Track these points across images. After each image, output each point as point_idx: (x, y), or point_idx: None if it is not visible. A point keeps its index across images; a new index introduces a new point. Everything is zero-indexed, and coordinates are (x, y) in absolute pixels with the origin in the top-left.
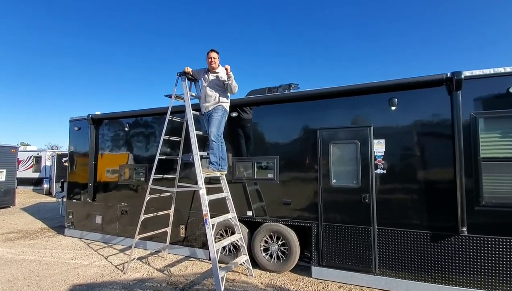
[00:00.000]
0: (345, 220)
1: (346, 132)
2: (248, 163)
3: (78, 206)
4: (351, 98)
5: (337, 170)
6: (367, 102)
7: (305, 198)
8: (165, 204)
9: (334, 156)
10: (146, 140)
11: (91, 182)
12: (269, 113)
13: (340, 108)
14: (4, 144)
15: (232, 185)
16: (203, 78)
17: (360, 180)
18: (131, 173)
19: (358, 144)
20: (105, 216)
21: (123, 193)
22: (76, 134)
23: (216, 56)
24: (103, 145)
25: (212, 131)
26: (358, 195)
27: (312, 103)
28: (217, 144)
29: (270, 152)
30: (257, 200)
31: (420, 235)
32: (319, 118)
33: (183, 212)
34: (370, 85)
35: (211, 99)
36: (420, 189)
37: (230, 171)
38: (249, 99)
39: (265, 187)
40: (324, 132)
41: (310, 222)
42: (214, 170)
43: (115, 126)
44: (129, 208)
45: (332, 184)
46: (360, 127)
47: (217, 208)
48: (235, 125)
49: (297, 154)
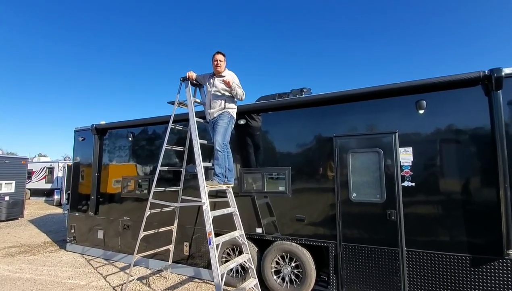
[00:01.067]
0: (368, 240)
1: (367, 140)
2: (257, 175)
3: (80, 219)
4: (372, 102)
5: (357, 182)
6: (390, 105)
7: (321, 213)
8: (169, 219)
9: (353, 166)
10: (150, 150)
11: (93, 194)
12: (280, 120)
13: (359, 113)
14: (15, 156)
15: (239, 199)
16: (208, 83)
17: (384, 193)
18: (134, 185)
19: (381, 154)
20: (107, 230)
21: (125, 207)
22: (80, 145)
23: (222, 59)
24: (107, 156)
25: (217, 140)
26: (382, 211)
27: (327, 109)
28: (222, 154)
29: (281, 162)
30: (267, 216)
31: (456, 258)
32: (336, 124)
33: (187, 227)
34: (394, 87)
35: (216, 105)
36: (455, 204)
37: (237, 183)
38: (258, 105)
39: (276, 201)
40: (342, 140)
41: (327, 242)
42: (219, 183)
43: (119, 136)
44: (131, 223)
45: (352, 198)
46: (383, 134)
47: (223, 224)
48: (243, 134)
49: (311, 164)
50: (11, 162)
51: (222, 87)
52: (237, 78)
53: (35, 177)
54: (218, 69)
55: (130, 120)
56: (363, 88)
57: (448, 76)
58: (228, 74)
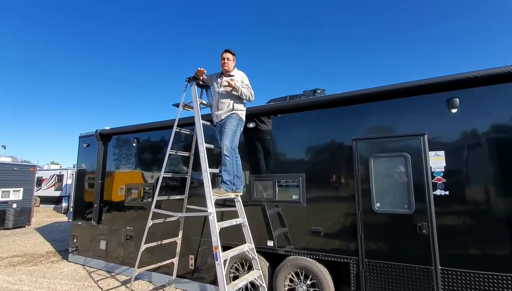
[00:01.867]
0: (395, 257)
1: (392, 143)
2: (268, 182)
3: (83, 228)
4: (397, 101)
5: (381, 190)
6: (417, 104)
7: (340, 226)
8: (173, 229)
9: (376, 172)
10: (155, 156)
11: (96, 202)
12: (292, 123)
13: (382, 113)
14: (23, 163)
15: (249, 208)
16: (216, 82)
17: (413, 203)
18: (137, 193)
19: (408, 158)
20: (110, 241)
21: (128, 216)
22: (85, 151)
23: (231, 57)
24: (111, 162)
25: (225, 144)
26: (411, 223)
27: (345, 109)
28: (231, 160)
29: (295, 168)
30: (280, 227)
31: (501, 279)
32: (355, 126)
33: (192, 239)
34: (422, 83)
35: (224, 107)
36: (498, 215)
37: (246, 191)
38: (269, 107)
39: (289, 211)
40: (362, 143)
41: (347, 258)
42: (227, 191)
43: (123, 142)
44: (134, 233)
45: (376, 208)
46: (410, 137)
47: (231, 235)
48: (252, 138)
49: (328, 170)
50: (19, 169)
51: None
52: (247, 78)
53: (45, 184)
54: (225, 68)
55: (134, 125)
56: (387, 86)
57: (485, 70)
58: (237, 74)
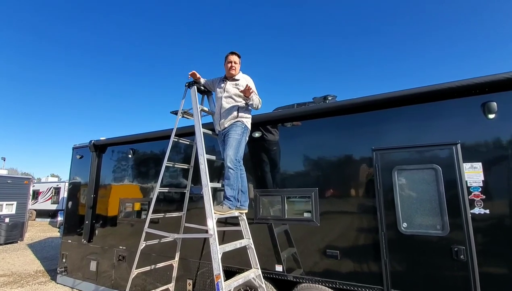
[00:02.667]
0: (427, 287)
1: (419, 154)
2: (276, 197)
3: (72, 247)
4: (423, 106)
5: (407, 208)
6: (448, 109)
7: (360, 249)
8: (170, 250)
9: (401, 187)
10: (153, 168)
11: (88, 219)
12: (303, 132)
13: (406, 120)
14: (17, 176)
15: (254, 227)
16: (219, 87)
17: (447, 224)
18: (132, 209)
19: (439, 171)
20: (101, 262)
21: (121, 234)
22: (78, 163)
23: (237, 61)
24: (105, 175)
25: (228, 155)
26: (445, 247)
27: (364, 116)
28: (235, 173)
29: (306, 183)
30: (289, 250)
31: None
32: (375, 135)
33: (190, 261)
34: (453, 86)
35: (227, 114)
36: None
37: (252, 208)
38: (277, 114)
39: (300, 231)
40: (384, 154)
41: (369, 287)
42: (230, 208)
43: (119, 153)
44: (127, 254)
45: (402, 229)
46: (440, 146)
47: (234, 258)
48: (258, 149)
49: (344, 184)
50: (13, 181)
51: (235, 93)
52: (253, 83)
53: (42, 197)
54: (232, 72)
55: (130, 135)
56: (412, 89)
57: None
58: (242, 78)
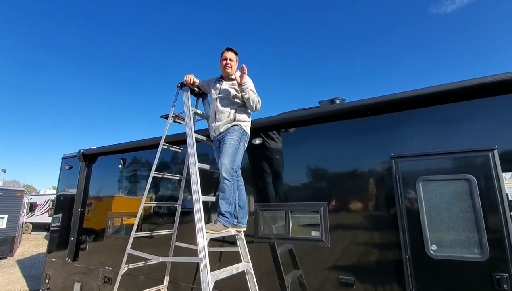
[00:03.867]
0: None
1: (448, 162)
2: (279, 213)
3: (57, 266)
4: (451, 106)
5: (437, 227)
6: (481, 109)
7: (380, 276)
8: (159, 272)
9: (427, 202)
10: (144, 179)
11: (73, 235)
12: (310, 138)
13: (431, 122)
14: (10, 188)
15: (254, 247)
16: (214, 88)
17: (486, 247)
18: (119, 224)
19: (473, 182)
20: (85, 283)
21: (108, 252)
22: (67, 174)
23: (234, 58)
24: (94, 187)
25: (223, 163)
26: (485, 275)
27: (380, 119)
28: (231, 185)
29: (314, 196)
30: (295, 275)
31: None
32: (394, 141)
33: (182, 286)
34: (486, 81)
35: (223, 117)
36: None
37: (251, 225)
38: (280, 118)
39: (307, 252)
40: (405, 162)
41: None
42: (225, 226)
43: (109, 164)
44: (113, 275)
45: (431, 253)
46: (473, 153)
47: (230, 284)
48: (259, 157)
49: (358, 198)
50: (5, 194)
51: (232, 94)
52: (252, 83)
53: (39, 210)
54: (227, 70)
55: (122, 144)
56: (437, 86)
57: None
58: None
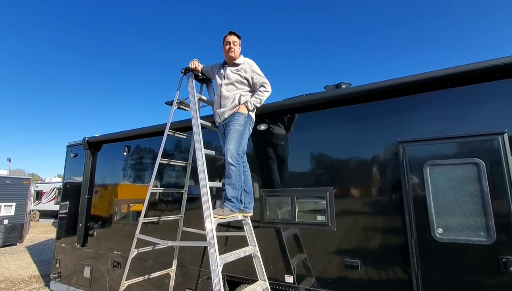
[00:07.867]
0: None
1: (456, 146)
2: (284, 198)
3: (66, 252)
4: (459, 89)
5: (443, 210)
6: (491, 92)
7: (385, 258)
8: (167, 256)
9: (434, 186)
10: (150, 166)
11: (81, 221)
12: (315, 123)
13: (439, 106)
14: (17, 176)
15: (260, 232)
16: (218, 74)
17: (493, 229)
18: (127, 210)
19: (482, 166)
20: (95, 268)
21: (116, 238)
22: (72, 162)
23: (237, 41)
24: (100, 175)
25: (229, 149)
26: (492, 258)
27: (387, 103)
28: (237, 170)
29: (320, 181)
30: (301, 258)
31: None
32: (401, 125)
33: (190, 269)
34: (498, 63)
35: (228, 103)
36: None
37: (257, 210)
38: (285, 103)
39: (313, 237)
40: (413, 147)
41: None
42: (232, 211)
43: (114, 151)
44: (122, 260)
45: (437, 236)
46: (482, 137)
47: (238, 266)
48: (264, 143)
49: (365, 182)
50: (12, 182)
51: (236, 79)
52: (257, 66)
53: (45, 198)
54: (230, 54)
55: (126, 131)
56: (446, 69)
57: None
58: (245, 62)
